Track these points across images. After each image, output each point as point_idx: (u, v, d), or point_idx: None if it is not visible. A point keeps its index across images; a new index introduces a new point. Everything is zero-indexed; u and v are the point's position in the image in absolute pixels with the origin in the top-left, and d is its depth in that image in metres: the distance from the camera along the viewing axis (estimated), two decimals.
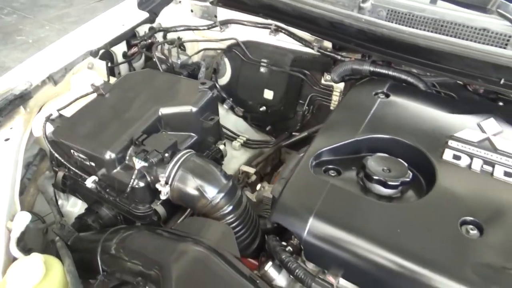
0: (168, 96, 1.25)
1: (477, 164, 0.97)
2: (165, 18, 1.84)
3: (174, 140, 1.10)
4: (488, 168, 0.96)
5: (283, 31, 1.66)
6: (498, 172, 0.95)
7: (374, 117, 1.13)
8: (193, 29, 1.83)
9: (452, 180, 0.94)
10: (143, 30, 1.75)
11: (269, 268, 0.97)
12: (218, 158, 1.35)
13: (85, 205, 1.29)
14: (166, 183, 1.05)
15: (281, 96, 1.82)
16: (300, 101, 1.80)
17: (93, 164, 1.14)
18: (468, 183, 0.94)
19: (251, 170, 1.61)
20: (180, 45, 1.90)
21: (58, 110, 1.22)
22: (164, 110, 1.20)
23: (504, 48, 1.21)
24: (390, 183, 0.93)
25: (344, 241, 0.87)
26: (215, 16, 1.81)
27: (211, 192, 1.03)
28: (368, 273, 0.85)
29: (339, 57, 1.55)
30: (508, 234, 0.83)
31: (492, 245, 0.82)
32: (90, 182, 1.13)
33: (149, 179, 1.09)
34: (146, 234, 0.98)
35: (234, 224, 1.05)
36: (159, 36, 1.81)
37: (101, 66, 1.53)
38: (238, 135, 1.80)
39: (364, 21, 1.33)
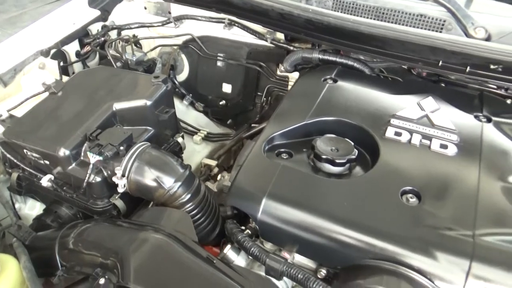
0: (122, 91, 1.25)
1: (416, 139, 1.04)
2: (118, 16, 1.83)
3: (129, 133, 1.11)
4: (426, 142, 1.04)
5: (237, 24, 1.70)
6: (435, 145, 1.03)
7: (322, 101, 1.18)
8: (147, 26, 1.83)
9: (393, 155, 1.01)
10: (96, 28, 1.73)
11: (228, 250, 1.00)
12: (177, 151, 1.36)
13: (44, 207, 1.28)
14: (123, 175, 1.05)
15: (239, 89, 1.85)
16: (258, 93, 1.84)
17: (47, 162, 1.13)
18: (408, 157, 1.01)
19: (213, 162, 1.63)
20: (136, 42, 1.89)
21: (8, 111, 1.20)
22: (118, 105, 1.21)
23: (440, 32, 1.30)
24: (337, 161, 0.99)
25: (296, 218, 0.91)
26: (169, 12, 1.82)
27: (168, 182, 1.04)
28: (319, 246, 0.90)
29: (291, 48, 1.60)
30: (443, 199, 0.90)
31: (429, 210, 0.89)
32: (45, 181, 1.12)
33: (105, 173, 1.09)
34: (104, 226, 0.99)
35: (193, 212, 1.07)
36: (113, 35, 1.80)
37: (53, 66, 1.51)
38: (199, 130, 1.82)
39: (311, 11, 1.39)
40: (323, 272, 0.93)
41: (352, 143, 1.04)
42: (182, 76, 1.96)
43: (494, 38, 1.28)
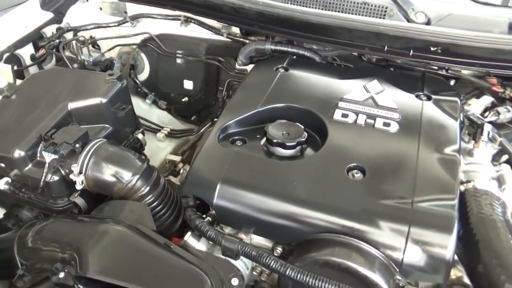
0: (77, 91, 1.26)
1: (361, 119, 1.11)
2: (73, 17, 1.82)
3: (84, 131, 1.12)
4: (371, 121, 1.10)
5: (193, 21, 1.72)
6: (379, 123, 1.09)
7: (274, 89, 1.23)
8: (104, 27, 1.82)
9: (340, 135, 1.06)
10: (50, 31, 1.72)
11: (188, 237, 1.03)
12: (138, 148, 1.38)
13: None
14: (80, 172, 1.06)
15: (201, 85, 1.88)
16: (220, 88, 1.87)
17: (3, 165, 1.12)
18: (354, 136, 1.06)
19: (177, 158, 1.65)
20: (93, 43, 1.89)
21: None
22: (73, 105, 1.21)
23: (383, 18, 1.37)
24: (288, 144, 1.04)
25: (249, 200, 0.95)
26: (125, 12, 1.82)
27: (126, 176, 1.06)
28: (273, 225, 0.94)
29: (247, 41, 1.64)
30: (385, 172, 0.97)
31: (373, 184, 0.94)
32: (2, 184, 1.11)
33: (63, 172, 1.09)
34: (63, 222, 1.00)
35: (154, 204, 1.09)
36: (69, 37, 1.79)
37: (7, 70, 1.49)
38: (163, 127, 1.83)
39: (261, 4, 1.43)
40: (279, 249, 0.97)
41: (302, 127, 1.09)
42: (144, 75, 1.96)
43: (433, 21, 1.36)
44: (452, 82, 1.46)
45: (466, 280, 0.92)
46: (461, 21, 1.31)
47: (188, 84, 1.90)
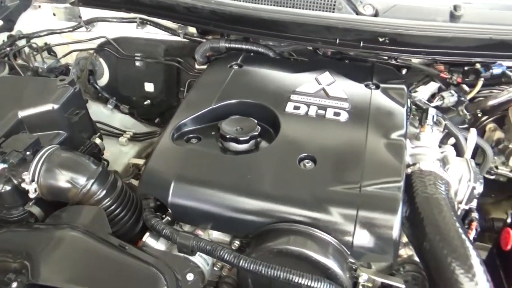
0: (27, 98, 1.23)
1: (313, 110, 1.13)
2: (25, 24, 1.77)
3: (34, 138, 1.10)
4: (322, 112, 1.13)
5: (149, 23, 1.71)
6: (329, 114, 1.12)
7: (228, 86, 1.24)
8: (58, 33, 1.79)
9: (292, 127, 1.09)
10: (1, 39, 1.67)
11: (147, 238, 1.03)
12: (96, 153, 1.36)
13: None
14: (32, 180, 1.05)
15: (161, 86, 1.87)
16: (181, 89, 1.87)
17: None
18: (305, 127, 1.09)
19: (141, 161, 1.64)
20: (49, 50, 1.86)
21: None
22: (24, 112, 1.19)
23: (332, 12, 1.40)
24: (241, 138, 1.05)
25: (204, 196, 0.96)
26: (80, 17, 1.80)
27: (80, 180, 1.05)
28: (228, 219, 0.95)
29: (204, 41, 1.64)
30: (335, 160, 0.99)
31: (323, 172, 0.97)
32: None
33: (15, 181, 1.07)
34: (16, 232, 0.98)
35: (112, 207, 1.08)
36: (22, 44, 1.74)
37: None
38: (125, 131, 1.81)
39: (213, 2, 1.44)
40: (236, 243, 0.99)
41: (256, 121, 1.10)
42: (104, 80, 1.94)
43: (381, 13, 1.40)
44: (404, 71, 1.51)
45: (416, 258, 0.96)
46: (406, 11, 1.36)
47: (149, 87, 1.89)
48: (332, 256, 0.89)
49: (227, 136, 1.05)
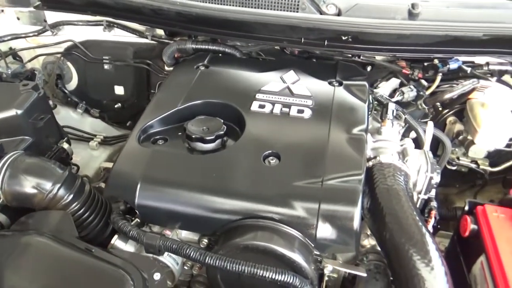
0: None
1: (277, 108, 1.16)
2: None
3: None
4: (286, 109, 1.16)
5: (116, 25, 1.71)
6: (293, 111, 1.15)
7: (195, 87, 1.25)
8: (23, 37, 1.76)
9: (257, 125, 1.11)
10: None
11: (115, 240, 1.03)
12: (64, 157, 1.35)
13: None
14: None
15: (132, 89, 1.86)
16: (152, 91, 1.87)
17: None
18: (270, 125, 1.11)
19: (112, 165, 1.63)
20: (14, 55, 1.82)
21: None
22: None
23: (296, 12, 1.43)
24: (207, 138, 1.06)
25: (170, 196, 0.97)
26: (45, 21, 1.77)
27: (46, 185, 1.04)
28: (195, 217, 0.96)
29: (172, 42, 1.65)
30: (299, 156, 1.02)
31: (287, 168, 0.99)
32: None
33: None
34: None
35: (80, 211, 1.08)
36: None
37: None
38: (96, 135, 1.80)
39: (179, 4, 1.45)
40: (204, 241, 1.00)
41: (222, 121, 1.12)
42: (72, 84, 1.92)
43: (343, 12, 1.44)
44: (368, 68, 1.55)
45: (379, 248, 0.99)
46: (367, 10, 1.40)
47: (119, 90, 1.88)
48: (297, 249, 0.91)
49: (193, 136, 1.06)
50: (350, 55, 1.49)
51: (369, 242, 1.04)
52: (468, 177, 1.59)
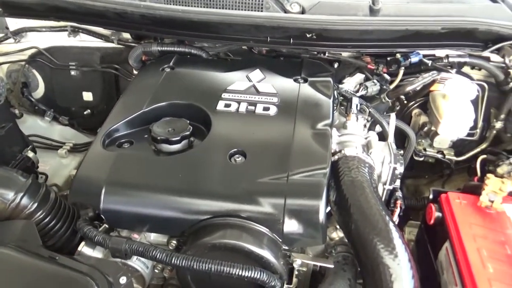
0: None
1: (243, 107, 1.16)
2: None
3: None
4: (252, 107, 1.16)
5: (80, 30, 1.68)
6: (259, 109, 1.16)
7: (160, 89, 1.25)
8: None
9: (223, 124, 1.11)
10: None
11: (83, 247, 1.01)
12: (30, 166, 1.32)
13: None
14: None
15: (101, 95, 1.84)
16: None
17: None
18: (236, 123, 1.12)
19: None
20: None
21: None
22: None
23: (261, 11, 1.44)
24: (172, 139, 1.06)
25: (136, 199, 0.96)
26: (7, 28, 1.72)
27: (8, 195, 1.01)
28: (162, 219, 0.96)
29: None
30: (264, 153, 1.03)
31: (253, 165, 1.00)
32: None
33: None
34: None
35: (46, 220, 1.05)
36: None
37: None
38: (65, 143, 1.76)
39: (142, 6, 1.44)
40: (173, 242, 0.99)
41: (188, 121, 1.11)
42: (39, 92, 1.87)
43: (307, 10, 1.46)
44: (335, 65, 1.58)
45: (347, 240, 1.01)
46: (330, 8, 1.43)
47: (88, 96, 1.85)
48: (265, 245, 0.92)
49: (159, 138, 1.06)
50: (316, 52, 1.51)
51: (337, 234, 1.05)
52: (436, 167, 1.63)
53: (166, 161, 1.04)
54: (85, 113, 1.88)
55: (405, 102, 1.53)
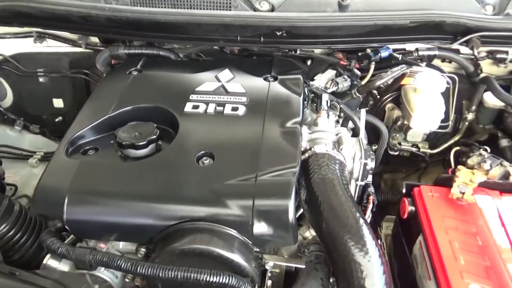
0: None
1: (211, 108, 1.14)
2: None
3: None
4: (220, 108, 1.14)
5: (47, 36, 1.63)
6: (228, 109, 1.14)
7: (126, 92, 1.22)
8: None
9: (191, 126, 1.09)
10: None
11: (48, 260, 0.97)
12: None
13: None
14: None
15: (71, 101, 1.79)
16: None
17: None
18: (204, 125, 1.10)
19: None
20: None
21: None
22: None
23: (229, 10, 1.42)
24: (138, 144, 1.03)
25: (100, 208, 0.93)
26: None
27: None
28: (129, 227, 0.93)
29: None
30: (233, 154, 1.01)
31: (221, 167, 0.98)
32: None
33: None
34: None
35: (10, 234, 1.02)
36: None
37: None
38: (35, 152, 1.71)
39: (107, 9, 1.40)
40: (142, 250, 0.97)
41: (154, 125, 1.08)
42: (8, 101, 1.82)
43: (276, 8, 1.44)
44: (308, 62, 1.57)
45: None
46: (299, 4, 1.41)
47: (58, 103, 1.80)
48: (235, 249, 0.90)
49: (124, 143, 1.03)
50: (287, 50, 1.50)
51: (310, 233, 1.04)
52: (412, 161, 1.64)
53: (132, 167, 1.01)
54: (56, 120, 1.84)
55: (378, 97, 1.53)
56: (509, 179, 1.16)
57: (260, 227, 0.90)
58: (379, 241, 1.28)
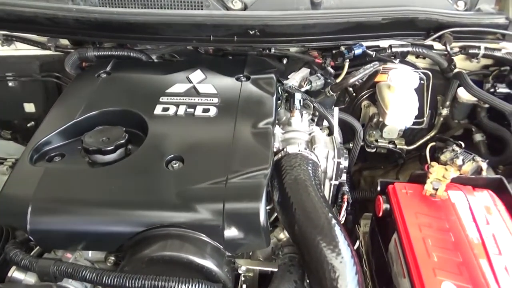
0: None
1: (182, 110, 1.12)
2: None
3: None
4: (191, 110, 1.12)
5: (14, 38, 1.58)
6: (198, 111, 1.11)
7: (94, 96, 1.18)
8: None
9: (160, 129, 1.06)
10: None
11: (13, 272, 0.93)
12: None
13: None
14: None
15: (43, 105, 1.74)
16: None
17: None
18: (174, 127, 1.07)
19: None
20: None
21: None
22: None
23: (201, 9, 1.39)
24: (105, 149, 1.00)
25: (65, 217, 0.90)
26: None
27: None
28: (95, 235, 0.90)
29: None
30: (203, 157, 0.98)
31: (190, 171, 0.95)
32: None
33: None
34: None
35: None
36: None
37: None
38: (6, 159, 1.65)
39: (75, 10, 1.36)
40: (111, 259, 0.94)
41: (123, 129, 1.05)
42: None
43: (249, 6, 1.42)
44: (284, 61, 1.55)
45: None
46: (271, 3, 1.39)
47: (30, 107, 1.75)
48: (207, 254, 0.88)
49: (90, 149, 0.99)
50: (261, 49, 1.48)
51: (284, 235, 1.02)
52: (389, 158, 1.64)
53: (99, 173, 0.98)
54: (28, 125, 1.79)
55: (354, 94, 1.52)
56: (481, 174, 1.16)
57: (232, 231, 0.88)
58: (357, 239, 1.29)
